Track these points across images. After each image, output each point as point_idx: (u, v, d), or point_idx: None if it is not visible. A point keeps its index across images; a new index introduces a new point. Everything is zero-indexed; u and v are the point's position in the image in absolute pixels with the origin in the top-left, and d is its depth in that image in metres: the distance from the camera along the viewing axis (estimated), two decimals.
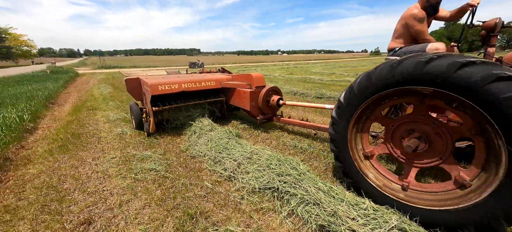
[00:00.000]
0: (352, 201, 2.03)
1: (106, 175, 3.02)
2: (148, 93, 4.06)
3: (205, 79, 4.57)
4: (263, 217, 2.17)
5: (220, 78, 4.83)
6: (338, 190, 2.23)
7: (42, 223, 2.16)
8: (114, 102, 7.72)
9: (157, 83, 3.97)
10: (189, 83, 4.31)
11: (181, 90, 4.22)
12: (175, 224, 2.08)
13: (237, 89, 4.51)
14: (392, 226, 1.73)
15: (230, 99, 4.85)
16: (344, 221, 1.82)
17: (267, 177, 2.53)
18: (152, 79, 4.31)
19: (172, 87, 4.11)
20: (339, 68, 23.14)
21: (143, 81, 4.44)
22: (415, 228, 1.73)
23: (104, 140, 4.26)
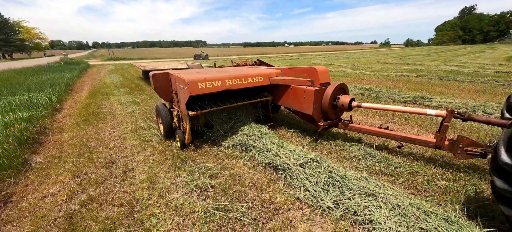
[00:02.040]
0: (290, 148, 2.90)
1: (122, 138, 4.00)
2: (183, 92, 3.14)
3: (251, 74, 3.62)
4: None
5: (268, 72, 3.82)
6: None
7: (80, 162, 3.14)
8: (125, 89, 8.74)
9: (195, 80, 3.03)
10: (233, 80, 3.34)
11: (225, 88, 3.25)
12: (171, 163, 3.03)
13: (292, 87, 3.53)
14: (310, 158, 2.61)
15: (280, 99, 3.88)
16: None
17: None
18: (186, 74, 3.37)
19: (214, 85, 3.16)
20: (340, 60, 23.51)
21: (175, 77, 3.37)
22: (326, 160, 2.58)
23: (118, 116, 5.26)
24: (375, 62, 19.68)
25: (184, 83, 3.06)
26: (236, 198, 2.32)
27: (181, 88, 3.20)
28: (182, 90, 3.19)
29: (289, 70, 3.86)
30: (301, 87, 3.41)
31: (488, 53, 24.96)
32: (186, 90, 3.02)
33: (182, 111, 3.34)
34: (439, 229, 1.68)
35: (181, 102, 3.33)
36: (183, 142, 3.37)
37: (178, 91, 3.40)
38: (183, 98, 3.19)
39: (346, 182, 2.27)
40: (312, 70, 3.41)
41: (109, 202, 2.33)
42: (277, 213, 2.13)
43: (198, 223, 2.00)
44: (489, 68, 12.17)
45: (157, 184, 2.61)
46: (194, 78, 3.09)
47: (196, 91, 3.04)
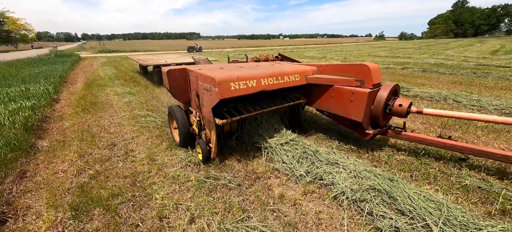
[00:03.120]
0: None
1: (121, 124, 4.32)
2: (209, 94, 2.51)
3: (287, 71, 3.01)
4: None
5: (304, 69, 3.22)
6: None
7: (84, 145, 3.46)
8: (119, 81, 8.93)
9: (227, 79, 2.42)
10: (269, 79, 2.76)
11: (260, 89, 2.67)
12: (167, 145, 3.39)
13: (335, 87, 3.00)
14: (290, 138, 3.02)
15: (315, 101, 3.35)
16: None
17: None
18: (213, 71, 2.69)
19: (249, 85, 2.57)
20: (333, 53, 23.91)
21: (198, 75, 2.72)
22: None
23: (116, 105, 5.54)
24: (366, 55, 20.16)
25: (212, 83, 2.38)
26: (225, 170, 2.71)
27: (207, 89, 2.52)
28: (208, 91, 2.51)
29: (329, 68, 3.26)
30: (348, 88, 2.86)
31: (476, 47, 25.77)
32: (215, 91, 2.35)
33: (206, 117, 2.69)
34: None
35: (205, 106, 2.66)
36: (206, 155, 2.74)
37: (201, 92, 2.70)
38: (209, 101, 2.52)
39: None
40: (362, 69, 2.82)
41: (115, 175, 2.69)
42: (258, 180, 2.54)
43: (192, 189, 2.39)
44: (472, 61, 12.79)
45: (155, 160, 2.97)
46: (226, 77, 2.41)
47: (228, 93, 2.38)
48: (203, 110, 2.78)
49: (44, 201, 2.30)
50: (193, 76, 2.87)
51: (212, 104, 2.49)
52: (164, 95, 6.60)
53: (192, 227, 1.92)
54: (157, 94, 6.63)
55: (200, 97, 2.77)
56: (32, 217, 2.10)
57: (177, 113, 3.13)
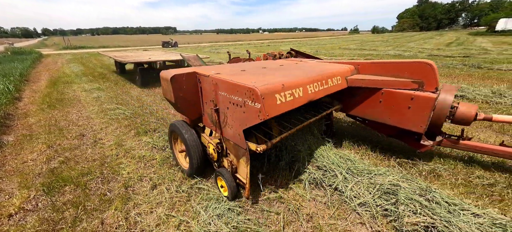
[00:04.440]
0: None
1: (90, 118, 4.47)
2: (241, 110, 1.80)
3: (329, 74, 2.42)
4: None
5: (342, 70, 2.66)
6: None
7: (52, 137, 3.62)
8: (87, 77, 8.73)
9: (271, 90, 1.71)
10: (314, 85, 2.16)
11: (307, 100, 2.06)
12: (135, 132, 3.68)
13: (384, 91, 2.50)
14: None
15: (355, 106, 2.86)
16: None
17: None
18: (239, 75, 2.05)
19: (296, 96, 1.92)
20: (307, 46, 24.86)
21: (218, 82, 1.98)
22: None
23: (84, 101, 5.59)
24: (337, 48, 21.35)
25: (250, 96, 1.66)
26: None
27: (238, 104, 1.79)
28: (238, 106, 1.79)
29: (372, 66, 2.74)
30: (403, 92, 2.35)
31: (435, 39, 28.40)
32: (254, 109, 1.65)
33: (233, 140, 2.00)
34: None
35: (231, 125, 1.95)
36: (234, 192, 2.10)
37: (224, 106, 1.97)
38: (240, 119, 1.82)
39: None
40: (423, 67, 2.32)
41: (84, 160, 2.96)
42: None
43: (156, 165, 2.76)
44: (426, 52, 14.35)
45: (123, 145, 3.27)
46: (268, 87, 1.69)
47: (274, 110, 1.69)
48: (226, 130, 2.03)
49: (16, 184, 2.52)
50: (209, 84, 2.05)
51: (245, 125, 1.77)
52: (147, 96, 6.71)
53: (154, 192, 2.31)
54: (128, 89, 6.72)
55: (222, 113, 1.99)
56: (5, 197, 2.33)
57: (186, 133, 2.30)
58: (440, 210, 1.80)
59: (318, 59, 3.57)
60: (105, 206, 2.16)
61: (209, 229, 1.84)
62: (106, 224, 1.95)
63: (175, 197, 2.23)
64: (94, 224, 1.94)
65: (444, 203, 1.87)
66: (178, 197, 2.23)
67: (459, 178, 2.41)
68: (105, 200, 2.22)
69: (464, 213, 1.78)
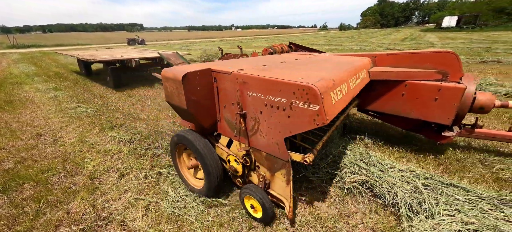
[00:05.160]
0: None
1: (47, 118, 4.19)
2: (285, 114, 1.48)
3: (358, 67, 2.23)
4: None
5: (365, 63, 2.49)
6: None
7: (4, 139, 3.35)
8: (41, 78, 7.96)
9: (327, 86, 1.42)
10: (352, 79, 1.95)
11: (351, 97, 1.85)
12: (100, 128, 3.59)
13: (409, 84, 2.38)
14: None
15: (374, 102, 2.71)
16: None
17: None
18: (271, 70, 1.75)
19: (343, 93, 1.69)
20: (278, 42, 25.46)
21: (251, 79, 1.59)
22: None
23: (38, 101, 5.16)
24: (306, 44, 22.32)
25: (304, 95, 1.34)
26: (156, 140, 3.16)
27: (283, 106, 1.46)
28: (284, 109, 1.46)
29: (391, 58, 2.57)
30: (430, 83, 2.26)
31: (393, 35, 31.23)
32: (310, 111, 1.34)
33: (267, 150, 1.70)
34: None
35: (267, 133, 1.62)
36: (270, 212, 1.73)
37: (255, 110, 1.63)
38: (285, 125, 1.50)
39: None
40: (447, 57, 2.24)
41: (43, 158, 2.83)
42: None
43: (124, 157, 2.78)
44: (383, 46, 15.82)
45: (87, 142, 3.19)
46: (323, 83, 1.40)
47: (331, 112, 1.42)
48: (256, 139, 1.71)
49: None
50: (232, 83, 1.68)
51: (290, 132, 1.47)
52: (113, 93, 6.36)
53: (121, 181, 2.36)
54: (90, 88, 6.34)
55: (252, 118, 1.67)
56: None
57: (201, 144, 1.88)
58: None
59: (322, 53, 3.33)
60: (70, 197, 2.15)
61: (177, 205, 1.98)
62: (72, 213, 1.96)
63: (144, 183, 2.31)
64: (59, 215, 1.95)
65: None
66: (147, 183, 2.31)
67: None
68: (70, 192, 2.21)
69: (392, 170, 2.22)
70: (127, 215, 1.93)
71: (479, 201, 1.88)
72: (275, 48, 3.90)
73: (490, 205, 1.84)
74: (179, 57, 6.26)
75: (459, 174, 2.37)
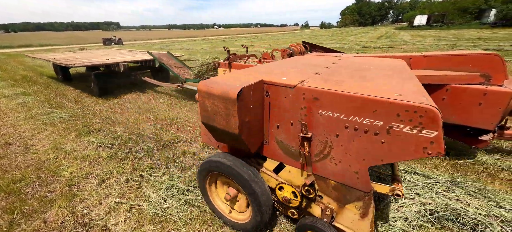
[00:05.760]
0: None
1: (16, 125, 3.94)
2: (381, 139, 1.16)
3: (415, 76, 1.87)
4: None
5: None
6: None
7: None
8: (6, 82, 7.39)
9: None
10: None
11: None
12: (76, 134, 3.46)
13: (450, 88, 2.26)
14: None
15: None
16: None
17: None
18: (344, 83, 1.36)
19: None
20: (261, 41, 25.69)
21: (328, 95, 1.24)
22: None
23: (5, 108, 4.82)
24: (288, 42, 22.72)
25: (414, 117, 1.06)
26: (136, 143, 3.13)
27: (376, 129, 1.17)
28: (376, 133, 1.17)
29: (426, 60, 2.40)
30: (474, 87, 2.15)
31: (370, 33, 32.70)
32: (423, 138, 1.06)
33: (342, 179, 1.41)
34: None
35: (343, 160, 1.34)
36: None
37: (333, 133, 1.31)
38: (374, 152, 1.22)
39: None
40: (489, 59, 2.15)
41: (14, 168, 2.69)
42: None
43: (103, 162, 2.73)
44: (361, 44, 16.59)
45: (62, 149, 3.07)
46: (431, 102, 1.12)
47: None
48: (324, 165, 1.43)
49: None
50: (294, 99, 1.37)
51: (381, 160, 1.21)
52: (88, 97, 6.05)
53: (102, 186, 2.33)
54: (63, 91, 6.02)
55: (321, 142, 1.38)
56: None
57: (247, 172, 1.58)
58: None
59: (343, 53, 3.14)
60: (47, 206, 2.09)
61: (160, 207, 2.02)
62: (50, 222, 1.92)
63: (125, 187, 2.31)
64: (36, 225, 1.90)
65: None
66: (128, 186, 2.31)
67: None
68: (46, 201, 2.15)
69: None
70: (108, 219, 1.93)
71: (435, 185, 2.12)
72: (294, 49, 3.56)
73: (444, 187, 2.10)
74: (172, 58, 5.92)
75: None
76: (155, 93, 5.71)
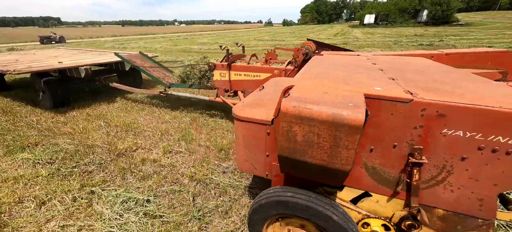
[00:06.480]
0: None
1: None
2: None
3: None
4: None
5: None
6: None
7: None
8: None
9: None
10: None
11: None
12: (4, 152, 2.92)
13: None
14: None
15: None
16: None
17: None
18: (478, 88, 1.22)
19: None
20: (225, 38, 25.32)
21: (472, 112, 0.98)
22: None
23: None
24: (253, 39, 22.90)
25: None
26: (85, 155, 2.78)
27: None
28: None
29: (447, 58, 2.30)
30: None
31: (328, 31, 35.01)
32: None
33: (456, 207, 1.21)
34: None
35: (464, 186, 1.14)
36: None
37: (458, 155, 1.09)
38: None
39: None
40: (506, 56, 2.14)
41: None
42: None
43: (42, 182, 2.35)
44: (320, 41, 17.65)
45: None
46: None
47: None
48: (431, 194, 1.22)
49: None
50: (408, 115, 1.09)
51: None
52: (20, 106, 5.07)
53: (42, 209, 2.01)
54: None
55: (436, 167, 1.16)
56: None
57: (329, 209, 1.24)
58: None
59: (351, 51, 2.97)
60: None
61: (116, 223, 1.83)
62: None
63: (72, 207, 2.03)
64: None
65: None
66: (76, 206, 2.04)
67: None
68: None
69: None
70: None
71: None
72: (309, 47, 3.13)
73: None
74: (146, 59, 5.06)
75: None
76: (107, 96, 5.15)
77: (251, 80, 3.31)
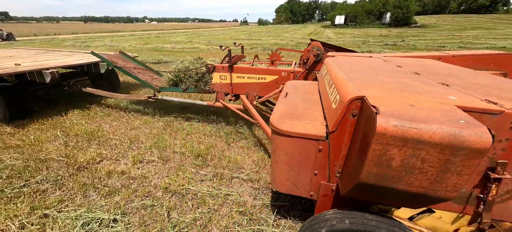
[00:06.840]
0: None
1: None
2: None
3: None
4: None
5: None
6: None
7: None
8: None
9: None
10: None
11: None
12: None
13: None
14: None
15: None
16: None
17: None
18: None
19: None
20: (200, 37, 24.57)
21: None
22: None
23: None
24: (228, 38, 22.56)
25: None
26: (37, 172, 2.40)
27: None
28: None
29: (456, 60, 2.33)
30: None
31: (302, 31, 35.99)
32: None
33: None
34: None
35: None
36: None
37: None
38: None
39: None
40: (505, 58, 2.20)
41: None
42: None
43: None
44: (295, 40, 18.10)
45: None
46: None
47: None
48: (502, 209, 1.18)
49: None
50: (499, 128, 0.99)
51: None
52: None
53: None
54: None
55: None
56: None
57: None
58: None
59: (353, 52, 2.94)
60: None
61: None
62: None
63: None
64: None
65: None
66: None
67: None
68: None
69: None
70: None
71: None
72: (320, 48, 2.96)
73: None
74: (128, 59, 4.45)
75: None
76: (64, 102, 4.57)
77: (256, 83, 3.14)
